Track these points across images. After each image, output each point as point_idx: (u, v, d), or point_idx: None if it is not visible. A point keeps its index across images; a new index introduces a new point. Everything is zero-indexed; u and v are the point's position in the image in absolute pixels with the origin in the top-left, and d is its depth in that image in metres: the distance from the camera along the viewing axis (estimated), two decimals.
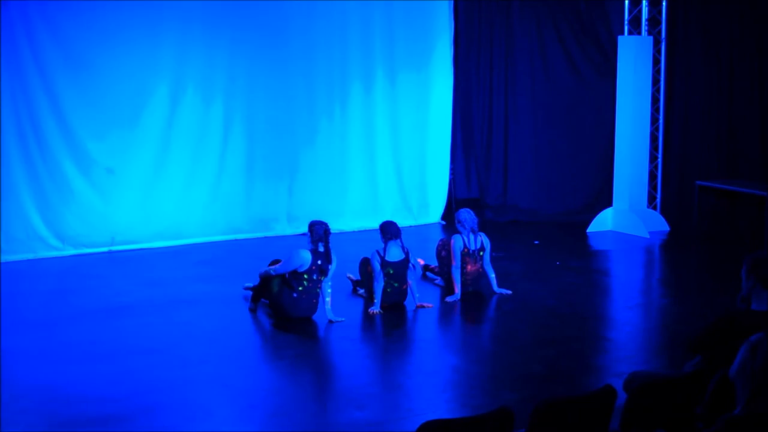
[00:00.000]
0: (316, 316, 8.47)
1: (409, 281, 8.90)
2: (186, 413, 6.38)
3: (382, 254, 8.77)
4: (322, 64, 12.33)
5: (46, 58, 10.65)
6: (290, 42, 12.08)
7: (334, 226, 12.06)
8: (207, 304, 8.99)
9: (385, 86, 12.83)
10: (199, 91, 11.58)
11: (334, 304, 8.51)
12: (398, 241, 8.83)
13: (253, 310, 8.68)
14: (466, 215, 9.34)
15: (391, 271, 8.78)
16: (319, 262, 8.35)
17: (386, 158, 12.93)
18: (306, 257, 8.31)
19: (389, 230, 8.85)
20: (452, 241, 9.29)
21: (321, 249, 8.38)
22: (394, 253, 8.80)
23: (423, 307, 8.89)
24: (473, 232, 9.27)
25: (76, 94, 10.85)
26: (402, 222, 12.60)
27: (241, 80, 11.83)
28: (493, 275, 9.35)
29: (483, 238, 9.34)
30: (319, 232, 8.40)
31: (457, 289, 9.17)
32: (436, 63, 13.19)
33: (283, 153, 12.19)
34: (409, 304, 8.93)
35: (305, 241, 8.57)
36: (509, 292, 9.31)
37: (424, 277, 9.80)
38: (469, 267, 9.28)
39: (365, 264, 9.08)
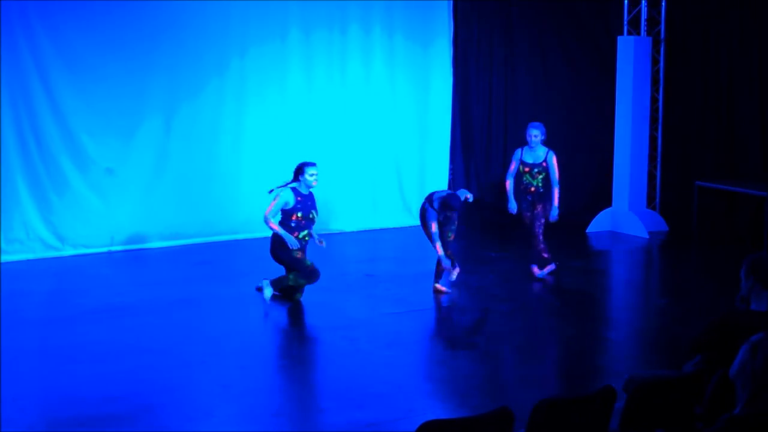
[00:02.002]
0: (318, 318, 8.47)
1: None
2: (186, 413, 6.39)
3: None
4: (320, 63, 12.33)
5: (46, 59, 10.64)
6: (290, 42, 12.08)
7: (334, 227, 12.14)
8: (207, 304, 8.99)
9: (385, 87, 12.84)
10: (199, 91, 11.58)
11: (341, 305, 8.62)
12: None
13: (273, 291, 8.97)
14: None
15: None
16: (309, 202, 8.83)
17: (386, 158, 12.93)
18: (287, 195, 8.78)
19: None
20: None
21: (305, 192, 8.82)
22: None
23: (439, 291, 9.16)
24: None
25: (76, 95, 10.85)
26: (402, 222, 12.68)
27: (241, 81, 11.83)
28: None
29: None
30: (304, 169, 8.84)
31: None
32: (435, 63, 13.20)
33: (283, 153, 12.18)
34: (415, 303, 8.92)
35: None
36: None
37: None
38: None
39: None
